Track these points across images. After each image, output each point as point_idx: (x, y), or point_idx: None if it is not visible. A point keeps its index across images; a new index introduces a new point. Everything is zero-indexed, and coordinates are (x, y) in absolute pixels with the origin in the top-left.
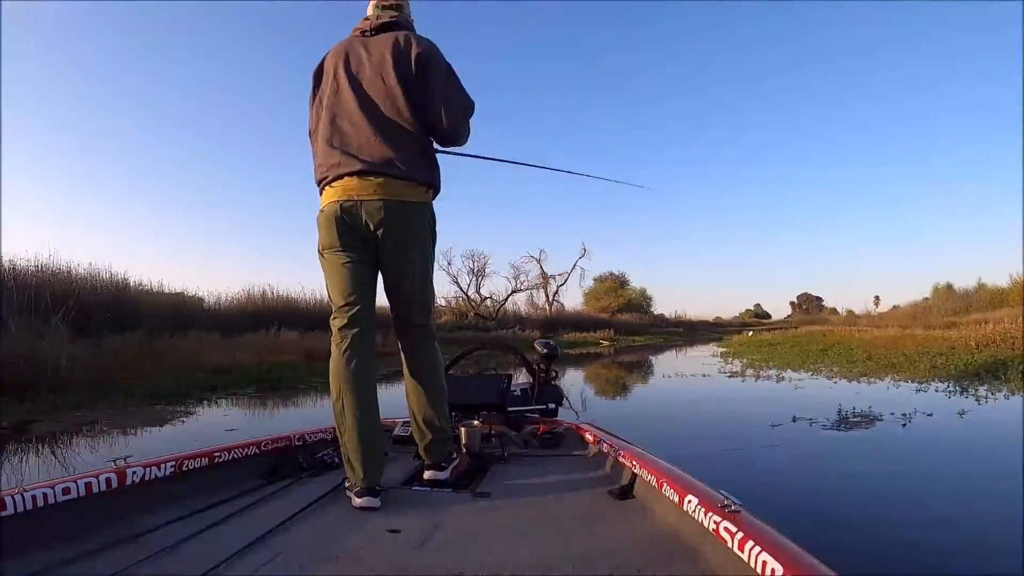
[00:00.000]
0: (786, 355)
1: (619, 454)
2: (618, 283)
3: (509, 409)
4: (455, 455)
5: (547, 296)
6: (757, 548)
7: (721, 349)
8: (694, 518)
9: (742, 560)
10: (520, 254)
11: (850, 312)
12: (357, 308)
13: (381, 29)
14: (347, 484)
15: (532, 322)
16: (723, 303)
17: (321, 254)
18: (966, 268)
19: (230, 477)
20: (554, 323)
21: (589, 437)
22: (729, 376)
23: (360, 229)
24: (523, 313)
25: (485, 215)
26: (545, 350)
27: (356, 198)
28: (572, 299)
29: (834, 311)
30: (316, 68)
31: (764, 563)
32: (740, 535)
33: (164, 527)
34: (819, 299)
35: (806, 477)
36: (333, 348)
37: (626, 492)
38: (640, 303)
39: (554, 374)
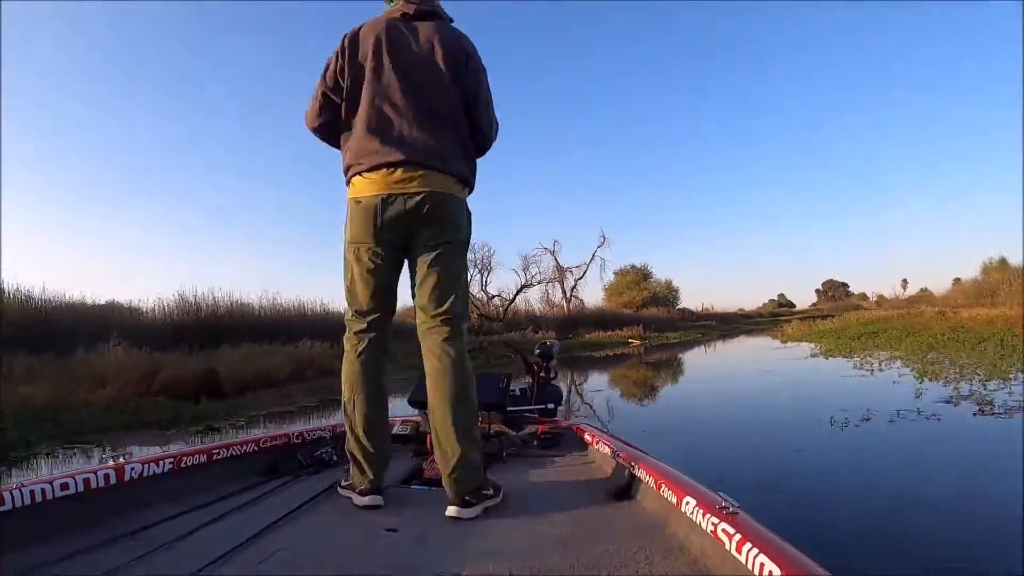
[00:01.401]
0: (948, 352)
1: (618, 455)
2: (641, 275)
3: (508, 409)
4: (489, 489)
5: (564, 292)
6: (755, 550)
7: (809, 344)
8: (692, 519)
9: (739, 562)
10: (531, 246)
11: (881, 297)
12: (378, 309)
13: (426, 16)
14: (344, 483)
15: (548, 321)
16: (743, 294)
17: (349, 247)
18: (979, 249)
19: (228, 474)
20: (573, 321)
21: (588, 437)
22: (992, 415)
23: (397, 224)
24: (537, 312)
25: (488, 200)
26: (540, 350)
27: (398, 191)
28: (592, 294)
29: (864, 296)
30: (350, 36)
31: (762, 565)
32: (738, 537)
33: (162, 523)
34: (845, 285)
35: None
36: (348, 348)
37: (624, 493)
38: (666, 296)
39: (554, 374)
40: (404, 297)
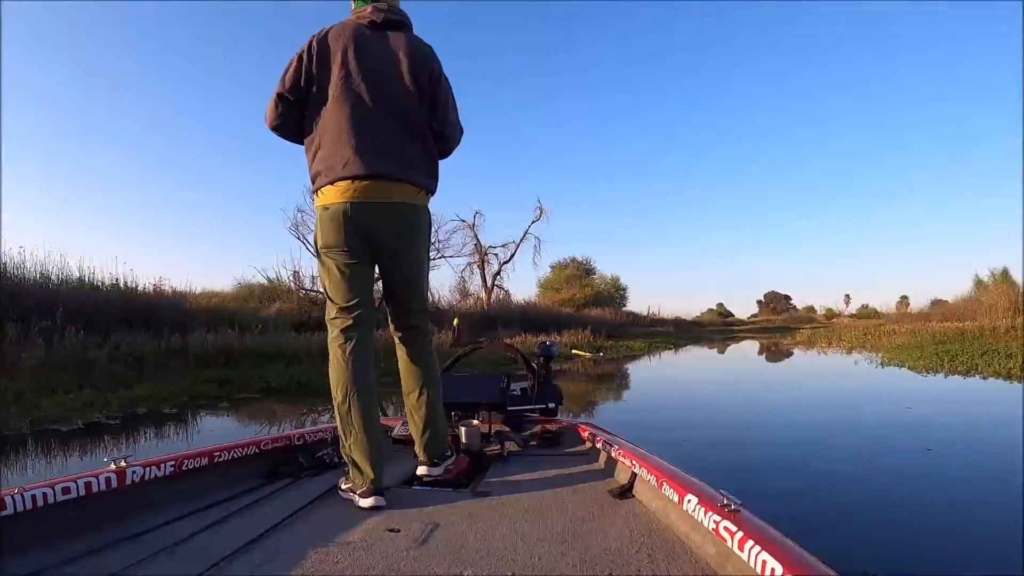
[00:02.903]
0: None
1: (619, 453)
2: (583, 270)
3: (509, 408)
4: (450, 453)
5: (484, 279)
6: (757, 547)
7: (919, 373)
8: (694, 517)
9: (742, 559)
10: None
11: (829, 310)
12: (360, 311)
13: (392, 25)
14: (344, 485)
15: (457, 315)
16: (682, 301)
17: (321, 253)
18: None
19: (230, 477)
20: (492, 319)
21: (589, 436)
22: None
23: (367, 232)
24: (443, 303)
25: None
26: (541, 350)
27: (367, 200)
28: (522, 287)
29: (811, 309)
30: (318, 39)
31: (764, 562)
32: (740, 534)
33: (164, 527)
34: (787, 297)
35: None
36: (335, 350)
37: (626, 491)
38: (612, 296)
39: (553, 373)
40: None
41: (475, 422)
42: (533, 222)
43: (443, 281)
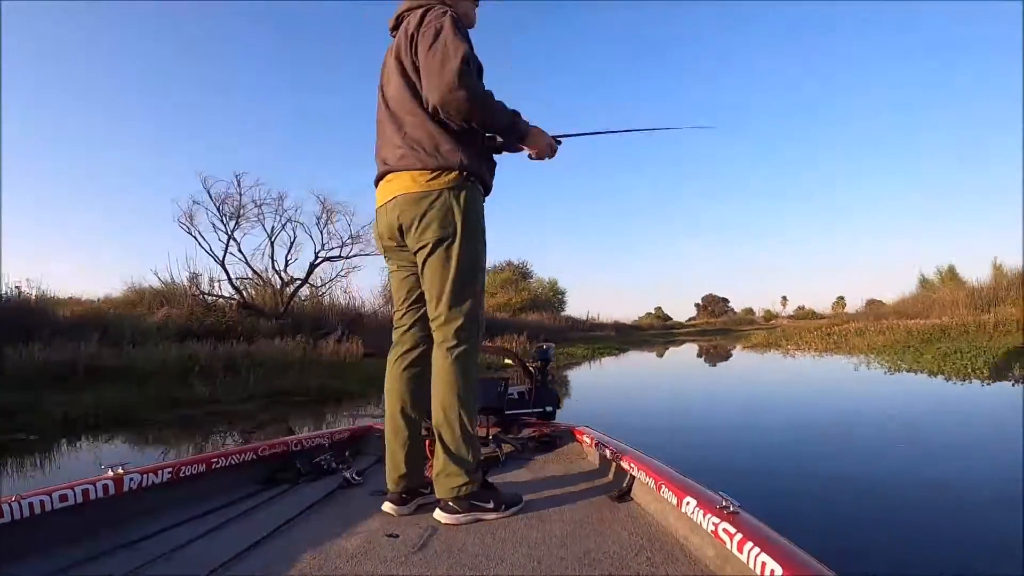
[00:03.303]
0: None
1: (617, 456)
2: (519, 274)
3: (507, 412)
4: (488, 502)
5: None
6: (756, 549)
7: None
8: (693, 520)
9: (741, 561)
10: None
11: (768, 312)
12: (402, 315)
13: (400, 22)
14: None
15: (376, 323)
16: (620, 305)
17: None
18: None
19: (227, 483)
20: None
21: (587, 440)
22: None
23: (388, 233)
24: (366, 308)
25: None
26: (538, 354)
27: (381, 202)
28: None
29: (750, 311)
30: None
31: (763, 564)
32: (739, 536)
33: (161, 533)
34: (725, 300)
35: None
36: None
37: (624, 494)
38: (550, 300)
39: (551, 377)
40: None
41: None
42: None
43: (367, 282)
